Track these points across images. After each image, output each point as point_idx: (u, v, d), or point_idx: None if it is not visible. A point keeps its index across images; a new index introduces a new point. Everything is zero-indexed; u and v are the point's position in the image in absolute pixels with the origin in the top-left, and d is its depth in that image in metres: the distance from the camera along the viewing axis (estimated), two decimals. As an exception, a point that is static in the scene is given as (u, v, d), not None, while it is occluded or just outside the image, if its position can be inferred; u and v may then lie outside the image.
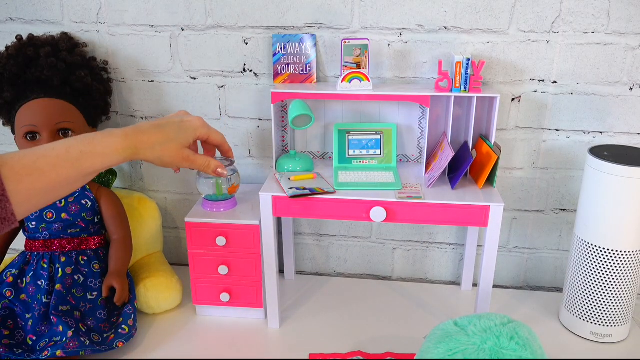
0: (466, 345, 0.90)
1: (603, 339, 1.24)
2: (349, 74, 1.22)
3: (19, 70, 1.25)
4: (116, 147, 0.79)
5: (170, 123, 0.88)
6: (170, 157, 0.88)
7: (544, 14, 1.23)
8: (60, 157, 0.74)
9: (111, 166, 0.80)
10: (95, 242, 1.30)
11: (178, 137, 0.89)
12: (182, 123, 0.90)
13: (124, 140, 0.81)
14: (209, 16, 1.33)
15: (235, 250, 1.26)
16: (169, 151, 0.87)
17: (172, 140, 0.88)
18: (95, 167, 0.77)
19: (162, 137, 0.86)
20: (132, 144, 0.82)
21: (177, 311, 1.35)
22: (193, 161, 0.92)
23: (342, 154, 1.31)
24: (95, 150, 0.78)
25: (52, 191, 0.74)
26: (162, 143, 0.86)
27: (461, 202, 1.13)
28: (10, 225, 0.69)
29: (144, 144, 0.83)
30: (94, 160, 0.77)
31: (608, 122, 1.31)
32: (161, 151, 0.86)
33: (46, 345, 1.13)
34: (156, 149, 0.85)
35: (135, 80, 1.42)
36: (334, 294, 1.44)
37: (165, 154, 0.87)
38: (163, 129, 0.86)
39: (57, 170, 0.73)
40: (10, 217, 0.68)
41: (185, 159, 0.90)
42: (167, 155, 0.87)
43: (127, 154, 0.81)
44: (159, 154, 0.86)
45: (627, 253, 1.16)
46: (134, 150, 0.82)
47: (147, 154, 0.84)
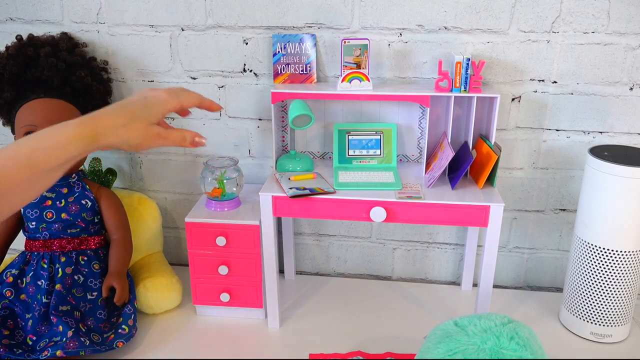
0: (466, 345, 0.90)
1: (603, 339, 1.24)
2: (349, 74, 1.22)
3: (19, 70, 1.25)
4: (70, 137, 0.72)
5: (133, 101, 0.80)
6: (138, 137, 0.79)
7: (544, 14, 1.23)
8: (10, 157, 0.70)
9: (71, 160, 0.73)
10: (95, 242, 1.30)
11: (144, 115, 0.80)
12: (146, 99, 0.81)
13: (79, 128, 0.73)
14: (209, 16, 1.33)
15: (235, 250, 1.26)
16: (136, 131, 0.78)
17: (137, 119, 0.79)
18: (50, 163, 0.71)
19: (125, 118, 0.77)
20: (90, 131, 0.74)
21: (177, 311, 1.35)
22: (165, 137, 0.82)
23: (342, 154, 1.31)
24: (48, 144, 0.71)
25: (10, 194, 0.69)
26: (125, 124, 0.77)
27: (461, 202, 1.13)
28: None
29: (104, 127, 0.75)
30: (47, 156, 0.71)
31: (608, 122, 1.31)
32: (126, 133, 0.77)
33: (46, 345, 1.13)
34: (120, 131, 0.76)
35: (135, 80, 1.42)
36: (334, 294, 1.44)
37: (132, 135, 0.78)
38: (125, 108, 0.78)
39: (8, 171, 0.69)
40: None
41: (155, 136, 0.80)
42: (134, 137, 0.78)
43: (86, 142, 0.73)
44: (124, 137, 0.77)
45: (627, 253, 1.16)
46: (93, 136, 0.74)
47: (110, 139, 0.75)
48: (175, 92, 0.84)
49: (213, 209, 1.28)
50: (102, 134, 0.74)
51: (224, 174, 1.23)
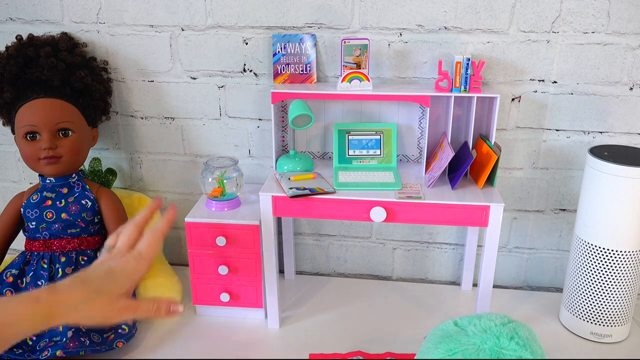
0: (466, 346, 0.90)
1: (603, 339, 1.24)
2: (349, 74, 1.22)
3: (19, 70, 1.25)
4: (24, 314, 0.66)
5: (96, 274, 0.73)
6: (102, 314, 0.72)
7: (544, 14, 1.23)
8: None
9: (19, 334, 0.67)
10: (95, 242, 1.30)
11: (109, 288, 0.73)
12: (110, 271, 0.74)
13: (34, 306, 0.67)
14: (209, 16, 1.33)
15: (236, 250, 1.26)
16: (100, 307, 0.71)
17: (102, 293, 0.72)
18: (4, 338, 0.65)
19: (87, 293, 0.70)
20: (45, 309, 0.67)
21: (177, 311, 1.35)
22: (135, 309, 0.74)
23: (342, 154, 1.31)
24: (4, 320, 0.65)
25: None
26: (86, 300, 0.70)
27: (461, 202, 1.13)
28: None
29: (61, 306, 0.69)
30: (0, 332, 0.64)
31: (608, 122, 1.31)
32: (88, 310, 0.70)
33: (46, 345, 1.13)
34: (80, 309, 0.69)
35: (135, 80, 1.42)
36: (334, 294, 1.44)
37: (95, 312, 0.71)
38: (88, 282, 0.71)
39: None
40: None
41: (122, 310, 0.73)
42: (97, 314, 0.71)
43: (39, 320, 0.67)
44: (86, 314, 0.70)
45: (627, 253, 1.16)
46: (49, 315, 0.67)
47: (69, 318, 0.69)
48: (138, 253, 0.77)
49: (213, 209, 1.28)
50: (58, 313, 0.68)
51: (224, 174, 1.23)
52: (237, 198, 1.30)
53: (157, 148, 1.48)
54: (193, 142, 1.46)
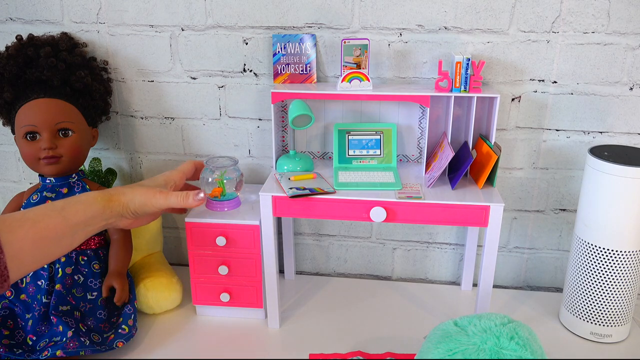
0: (466, 345, 0.90)
1: (603, 339, 1.24)
2: (349, 74, 1.22)
3: (19, 70, 1.25)
4: (95, 197, 0.90)
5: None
6: (142, 194, 0.95)
7: (544, 14, 1.23)
8: (47, 208, 0.82)
9: (94, 216, 0.88)
10: (95, 242, 1.30)
11: (148, 182, 1.01)
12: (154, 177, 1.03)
13: (100, 192, 0.92)
14: (209, 16, 1.33)
15: (236, 250, 1.26)
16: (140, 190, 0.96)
17: (142, 185, 0.99)
18: (79, 215, 0.85)
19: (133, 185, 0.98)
20: (106, 193, 0.92)
21: (177, 311, 1.35)
22: (167, 195, 0.97)
23: (342, 154, 1.31)
24: (78, 199, 0.87)
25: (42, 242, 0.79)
26: (132, 187, 0.97)
27: (461, 202, 1.13)
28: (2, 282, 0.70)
29: (116, 190, 0.95)
30: (76, 208, 0.85)
31: (608, 122, 1.31)
32: (132, 192, 0.95)
33: (46, 345, 1.13)
34: (126, 191, 0.95)
35: (135, 80, 1.42)
36: (334, 294, 1.44)
37: (137, 192, 0.95)
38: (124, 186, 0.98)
39: (45, 219, 0.79)
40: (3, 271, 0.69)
41: (157, 192, 0.97)
42: (138, 194, 0.95)
43: (104, 200, 0.90)
44: (130, 195, 0.94)
45: (627, 253, 1.16)
46: (109, 196, 0.92)
47: (120, 197, 0.93)
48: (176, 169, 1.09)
49: (213, 209, 1.28)
50: (114, 195, 0.93)
51: (224, 174, 1.23)
52: (237, 198, 1.30)
53: (157, 148, 1.48)
54: (193, 142, 1.46)
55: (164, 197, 0.97)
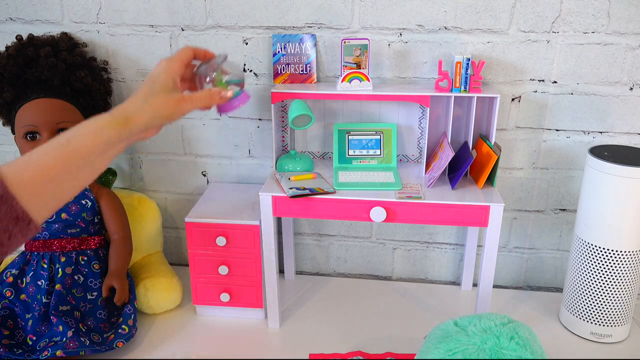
0: (466, 345, 0.90)
1: (603, 339, 1.24)
2: (349, 74, 1.22)
3: (19, 70, 1.25)
4: (104, 122, 0.79)
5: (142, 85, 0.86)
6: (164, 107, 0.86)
7: (544, 14, 1.23)
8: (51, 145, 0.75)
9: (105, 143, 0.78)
10: (95, 242, 1.30)
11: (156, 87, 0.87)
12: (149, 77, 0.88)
13: (110, 115, 0.80)
14: (209, 16, 1.33)
15: (236, 250, 1.26)
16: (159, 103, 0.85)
17: (154, 93, 0.86)
18: (88, 146, 0.77)
19: (143, 97, 0.84)
20: (120, 115, 0.81)
21: (177, 311, 1.35)
22: (191, 99, 0.89)
23: (342, 154, 1.31)
24: (84, 131, 0.78)
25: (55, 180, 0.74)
26: (145, 101, 0.84)
27: (461, 202, 1.13)
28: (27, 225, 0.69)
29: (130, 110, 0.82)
30: (84, 140, 0.77)
31: (608, 122, 1.31)
32: (151, 107, 0.84)
33: (46, 345, 1.13)
34: (145, 108, 0.84)
35: (135, 80, 1.42)
36: (334, 294, 1.44)
37: (157, 107, 0.85)
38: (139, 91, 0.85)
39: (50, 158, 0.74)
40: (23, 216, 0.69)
41: (180, 100, 0.88)
42: (160, 108, 0.85)
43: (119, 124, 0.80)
44: (150, 112, 0.84)
45: (627, 253, 1.16)
46: (124, 119, 0.81)
47: (139, 117, 0.82)
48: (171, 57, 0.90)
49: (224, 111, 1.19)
50: (131, 116, 0.81)
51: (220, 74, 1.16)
52: (244, 93, 1.21)
53: (157, 148, 1.48)
54: (193, 142, 1.46)
55: (189, 103, 0.89)
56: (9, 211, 0.68)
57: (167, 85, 0.87)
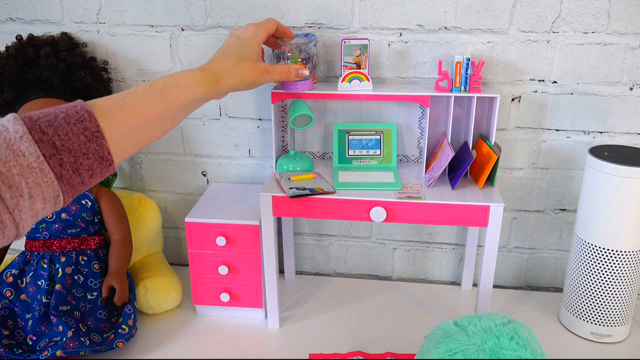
0: (466, 345, 0.90)
1: (603, 339, 1.24)
2: (349, 74, 1.22)
3: (19, 70, 1.25)
4: (197, 79, 0.81)
5: (232, 44, 0.90)
6: (250, 75, 0.90)
7: (544, 14, 1.23)
8: (145, 91, 0.76)
9: (195, 102, 0.81)
10: (95, 242, 1.30)
11: (245, 52, 0.91)
12: (239, 38, 0.91)
13: (202, 72, 0.83)
14: (209, 16, 1.33)
15: (236, 250, 1.26)
16: (247, 69, 0.89)
17: (243, 58, 0.90)
18: (180, 100, 0.79)
19: (233, 59, 0.88)
20: (211, 74, 0.84)
21: (177, 311, 1.35)
22: (272, 72, 0.94)
23: (342, 154, 1.31)
24: (178, 83, 0.79)
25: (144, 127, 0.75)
26: (236, 64, 0.88)
27: (461, 202, 1.13)
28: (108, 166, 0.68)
29: (221, 71, 0.86)
30: (178, 92, 0.79)
31: (608, 122, 1.31)
32: (240, 72, 0.88)
33: (46, 345, 1.13)
34: (234, 72, 0.87)
35: (135, 80, 1.42)
36: (334, 294, 1.44)
37: (245, 72, 0.89)
38: (229, 51, 0.89)
39: (144, 104, 0.74)
40: (107, 156, 0.68)
41: (264, 71, 0.92)
42: (246, 74, 0.89)
43: (209, 83, 0.83)
44: (239, 76, 0.88)
45: (627, 253, 1.16)
46: (215, 78, 0.84)
47: (228, 80, 0.86)
48: (259, 23, 0.97)
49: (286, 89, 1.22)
50: (221, 77, 0.85)
51: (297, 54, 1.16)
52: (310, 80, 1.23)
53: (157, 148, 1.48)
54: (193, 142, 1.46)
55: (270, 75, 0.94)
56: (97, 150, 0.67)
57: (254, 52, 0.92)
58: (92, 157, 0.66)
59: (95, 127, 0.66)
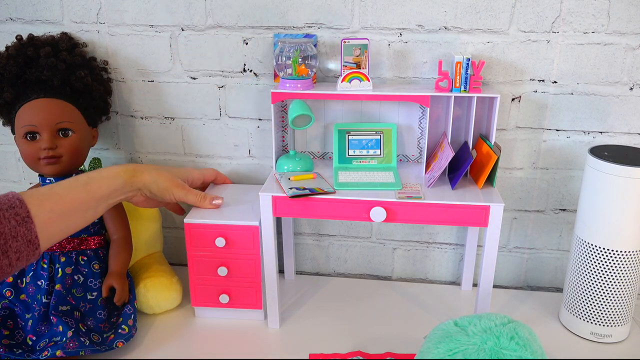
0: (466, 345, 0.90)
1: (603, 339, 1.24)
2: (349, 74, 1.22)
3: (19, 70, 1.25)
4: (118, 171, 0.96)
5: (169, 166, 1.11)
6: (165, 181, 1.03)
7: (544, 14, 1.23)
8: (71, 182, 0.87)
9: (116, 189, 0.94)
10: (95, 242, 1.30)
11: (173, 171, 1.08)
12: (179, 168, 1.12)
13: (124, 166, 0.98)
14: (209, 16, 1.33)
15: (235, 251, 1.26)
16: (165, 176, 1.03)
17: (168, 170, 1.06)
18: (103, 189, 0.91)
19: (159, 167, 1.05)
20: (131, 168, 0.98)
21: (177, 311, 1.35)
22: (187, 190, 1.08)
23: (342, 154, 1.31)
24: (101, 175, 0.93)
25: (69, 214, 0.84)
26: (157, 169, 1.03)
27: (461, 202, 1.13)
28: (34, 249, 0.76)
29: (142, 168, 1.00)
30: (100, 183, 0.91)
31: (608, 122, 1.31)
32: (157, 175, 1.02)
33: (46, 345, 1.13)
34: (152, 172, 1.01)
35: (135, 80, 1.42)
36: (334, 294, 1.44)
37: (162, 177, 1.02)
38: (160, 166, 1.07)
39: (71, 193, 0.85)
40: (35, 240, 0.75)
41: (179, 185, 1.06)
42: (162, 179, 1.02)
43: (127, 174, 0.96)
44: (154, 177, 1.01)
45: (627, 253, 1.16)
46: (133, 172, 0.98)
47: (145, 176, 0.99)
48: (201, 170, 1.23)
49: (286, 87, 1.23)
50: (139, 171, 1.00)
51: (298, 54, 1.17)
52: (310, 80, 1.24)
53: (157, 148, 1.48)
54: (193, 142, 1.46)
55: (184, 192, 1.06)
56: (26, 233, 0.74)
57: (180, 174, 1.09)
58: (21, 239, 0.74)
59: (25, 213, 0.75)
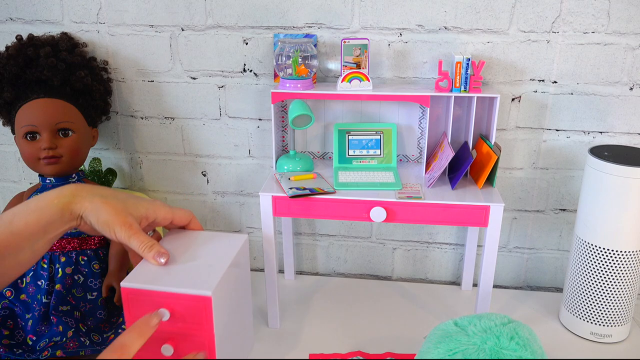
0: (466, 346, 0.90)
1: (603, 339, 1.24)
2: (349, 74, 1.22)
3: (19, 70, 1.25)
4: (50, 199, 0.73)
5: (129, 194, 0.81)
6: (108, 214, 0.75)
7: (544, 14, 1.23)
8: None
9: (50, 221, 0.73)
10: (95, 242, 1.30)
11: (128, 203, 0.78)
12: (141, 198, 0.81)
13: (60, 191, 0.75)
14: (209, 16, 1.33)
15: (182, 327, 0.89)
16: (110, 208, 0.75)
17: (119, 200, 0.77)
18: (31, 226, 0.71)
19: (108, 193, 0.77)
20: (70, 192, 0.75)
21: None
22: (135, 232, 0.77)
23: (342, 154, 1.31)
24: (29, 208, 0.73)
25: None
26: (104, 196, 0.76)
27: (461, 202, 1.13)
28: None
29: (83, 191, 0.75)
30: (27, 218, 0.72)
31: (608, 122, 1.31)
32: (101, 203, 0.75)
33: (46, 345, 1.13)
34: (95, 200, 0.75)
35: (135, 80, 1.42)
36: (334, 294, 1.44)
37: (105, 208, 0.75)
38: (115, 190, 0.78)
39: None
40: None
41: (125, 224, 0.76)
42: (105, 211, 0.75)
43: (62, 202, 0.73)
44: (97, 206, 0.75)
45: (627, 253, 1.16)
46: (70, 197, 0.74)
47: (85, 203, 0.74)
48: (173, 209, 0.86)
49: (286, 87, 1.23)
50: (80, 195, 0.74)
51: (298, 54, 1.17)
52: (310, 80, 1.24)
53: (157, 148, 1.48)
54: (193, 142, 1.46)
55: (128, 233, 0.76)
56: None
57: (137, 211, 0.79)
58: None
59: None
